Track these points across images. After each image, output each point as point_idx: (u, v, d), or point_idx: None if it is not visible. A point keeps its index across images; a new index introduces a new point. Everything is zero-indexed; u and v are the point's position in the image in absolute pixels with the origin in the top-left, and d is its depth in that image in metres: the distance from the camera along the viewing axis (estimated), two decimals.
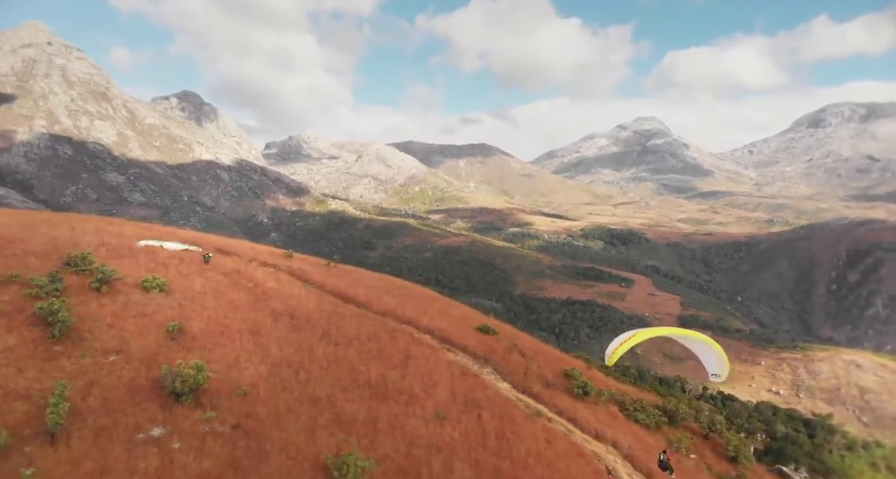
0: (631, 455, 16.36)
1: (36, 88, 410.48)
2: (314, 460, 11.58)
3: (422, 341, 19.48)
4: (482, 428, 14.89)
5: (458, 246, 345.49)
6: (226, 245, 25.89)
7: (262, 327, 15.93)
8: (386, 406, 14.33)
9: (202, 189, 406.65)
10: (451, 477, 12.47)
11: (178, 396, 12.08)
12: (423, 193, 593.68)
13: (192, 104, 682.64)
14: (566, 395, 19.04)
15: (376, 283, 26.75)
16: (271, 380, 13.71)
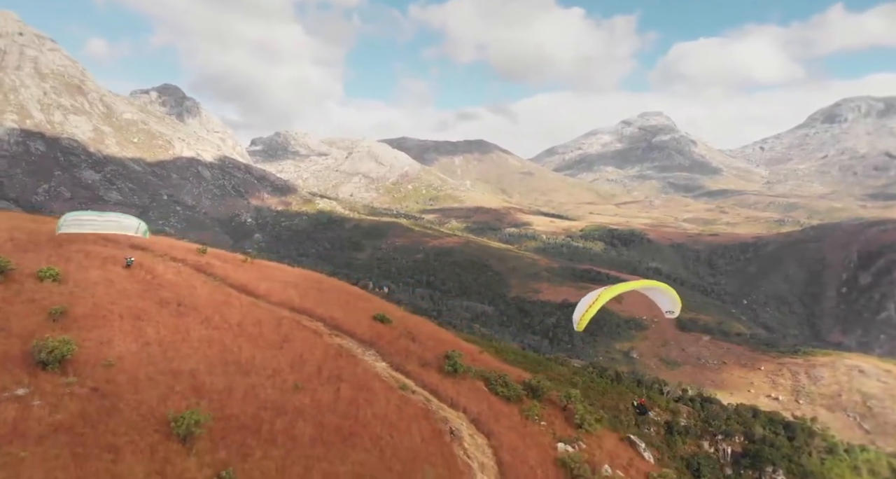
0: (477, 420, 18.96)
1: (6, 81, 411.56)
2: (160, 417, 13.92)
3: (308, 328, 21.87)
4: (336, 397, 17.19)
5: (451, 247, 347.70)
6: (139, 241, 28.17)
7: (144, 313, 18.20)
8: (247, 379, 16.60)
9: (183, 187, 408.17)
10: (291, 433, 14.83)
11: (45, 364, 14.31)
12: (417, 191, 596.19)
13: (174, 98, 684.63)
14: (437, 372, 21.51)
15: (290, 278, 29.11)
16: (139, 355, 15.97)
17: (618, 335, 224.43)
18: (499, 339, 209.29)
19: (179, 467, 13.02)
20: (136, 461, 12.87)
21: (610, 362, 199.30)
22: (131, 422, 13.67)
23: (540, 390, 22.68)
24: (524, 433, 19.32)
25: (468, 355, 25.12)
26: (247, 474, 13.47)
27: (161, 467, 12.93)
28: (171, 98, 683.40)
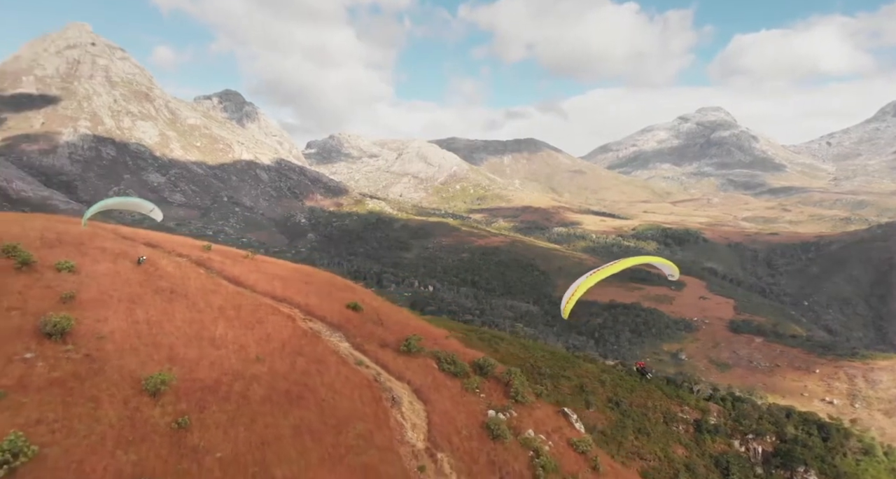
0: (419, 390, 21.74)
1: (80, 90, 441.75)
2: (136, 378, 17.15)
3: (283, 313, 24.86)
4: (292, 368, 19.93)
5: (496, 247, 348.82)
6: (154, 239, 32.25)
7: (140, 298, 21.54)
8: (216, 352, 19.58)
9: (242, 189, 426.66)
10: (245, 394, 17.73)
11: (50, 335, 17.74)
12: (465, 191, 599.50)
13: (234, 103, 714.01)
14: (393, 352, 24.09)
15: (281, 272, 32.28)
16: (127, 331, 19.21)
17: (666, 336, 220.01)
18: (541, 339, 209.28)
19: (146, 414, 16.15)
20: (111, 408, 16.05)
21: (657, 363, 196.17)
22: (112, 381, 16.90)
23: (486, 368, 24.99)
24: (460, 401, 21.62)
25: (431, 339, 27.53)
26: (201, 421, 16.47)
27: (132, 413, 16.08)
28: (232, 103, 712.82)
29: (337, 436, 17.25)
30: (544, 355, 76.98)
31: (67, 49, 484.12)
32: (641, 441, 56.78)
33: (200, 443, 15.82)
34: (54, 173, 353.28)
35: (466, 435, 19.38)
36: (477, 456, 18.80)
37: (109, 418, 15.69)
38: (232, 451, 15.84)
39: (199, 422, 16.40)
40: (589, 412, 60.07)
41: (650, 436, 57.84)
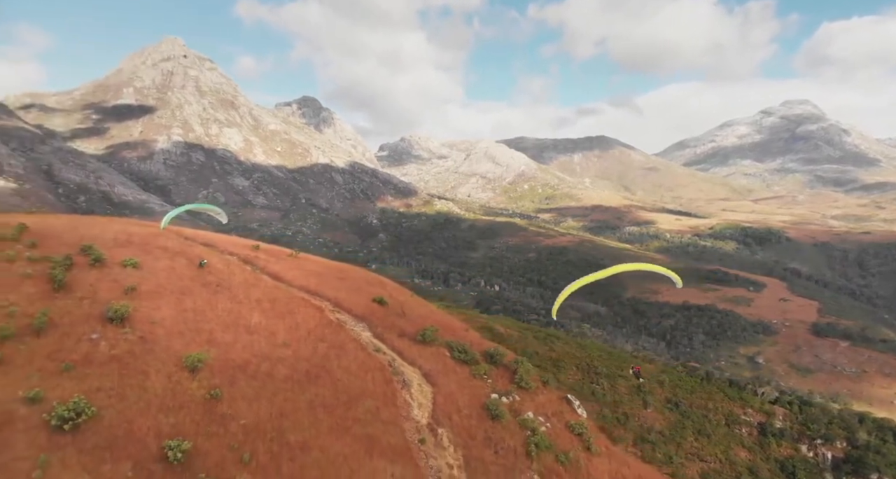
0: (428, 374, 23.64)
1: (173, 99, 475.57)
2: (179, 356, 20.02)
3: (313, 305, 27.39)
4: (314, 352, 22.22)
5: (564, 246, 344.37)
6: (211, 239, 36.02)
7: (189, 290, 24.62)
8: (249, 337, 22.15)
9: (318, 192, 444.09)
10: (270, 372, 20.26)
11: (112, 320, 20.90)
12: (533, 190, 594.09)
13: (312, 109, 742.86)
14: (409, 341, 25.95)
15: (318, 269, 34.94)
16: (176, 318, 22.13)
17: (743, 339, 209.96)
18: (610, 340, 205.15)
19: (185, 386, 18.89)
20: (157, 380, 18.90)
21: (732, 366, 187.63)
22: (160, 358, 19.80)
23: (496, 357, 26.36)
24: (466, 385, 23.18)
25: (450, 330, 29.23)
26: (230, 394, 19.04)
27: (173, 385, 18.88)
28: (310, 109, 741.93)
29: (347, 410, 19.39)
30: (601, 355, 76.61)
31: (162, 61, 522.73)
32: (701, 443, 55.95)
33: (228, 411, 18.38)
34: (151, 178, 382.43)
35: (467, 414, 21.06)
36: (475, 433, 20.42)
37: (155, 388, 18.54)
38: (254, 419, 18.31)
39: (229, 394, 18.99)
40: (647, 413, 59.69)
41: (711, 438, 56.87)
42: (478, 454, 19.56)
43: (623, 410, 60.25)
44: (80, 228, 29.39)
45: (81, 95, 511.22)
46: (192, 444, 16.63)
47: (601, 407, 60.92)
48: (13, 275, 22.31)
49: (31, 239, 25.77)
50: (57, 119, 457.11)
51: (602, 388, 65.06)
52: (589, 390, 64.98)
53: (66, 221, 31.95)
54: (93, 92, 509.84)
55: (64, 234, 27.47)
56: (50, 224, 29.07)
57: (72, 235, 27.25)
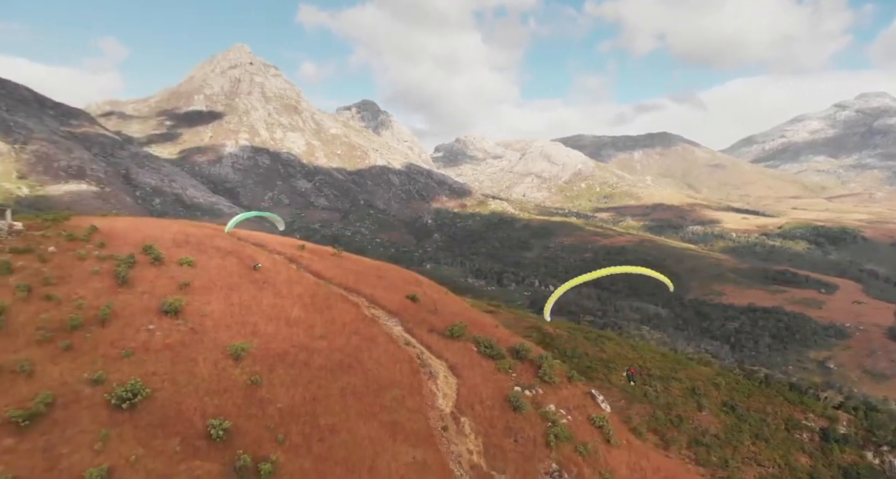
0: (454, 367, 24.63)
1: (240, 105, 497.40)
2: (225, 346, 21.82)
3: (350, 301, 28.91)
4: (347, 343, 23.55)
5: (622, 246, 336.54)
6: (262, 240, 38.52)
7: (237, 286, 26.56)
8: (289, 329, 23.70)
9: (376, 193, 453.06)
10: (306, 361, 21.78)
11: (167, 313, 22.98)
12: (590, 189, 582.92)
13: (370, 112, 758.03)
14: (438, 335, 26.89)
15: (358, 267, 36.53)
16: (224, 311, 24.00)
17: (813, 344, 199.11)
18: (670, 344, 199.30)
19: (229, 372, 20.60)
20: (205, 367, 20.71)
21: (801, 371, 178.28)
22: (208, 347, 21.67)
23: (521, 352, 26.90)
24: (490, 378, 23.91)
25: (479, 326, 30.09)
26: (269, 380, 20.62)
27: (219, 372, 20.63)
28: (369, 112, 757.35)
29: (375, 398, 20.64)
30: (654, 356, 75.32)
31: (230, 69, 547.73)
32: (759, 447, 54.52)
33: (266, 396, 19.97)
34: (220, 181, 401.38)
35: (489, 405, 21.88)
36: (496, 422, 21.22)
37: (202, 374, 20.37)
38: (289, 403, 19.83)
39: (268, 381, 20.62)
40: (701, 416, 58.46)
41: (769, 442, 55.32)
42: (497, 442, 20.38)
43: (677, 412, 59.22)
44: (143, 229, 32.14)
45: (156, 102, 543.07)
46: (233, 424, 18.27)
47: (654, 409, 60.04)
48: (83, 271, 24.92)
49: (101, 239, 28.53)
50: (134, 125, 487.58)
51: (655, 390, 64.11)
52: (641, 391, 64.07)
53: (131, 223, 34.93)
54: (167, 99, 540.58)
55: (129, 235, 30.15)
56: (117, 226, 31.96)
57: (136, 236, 29.90)
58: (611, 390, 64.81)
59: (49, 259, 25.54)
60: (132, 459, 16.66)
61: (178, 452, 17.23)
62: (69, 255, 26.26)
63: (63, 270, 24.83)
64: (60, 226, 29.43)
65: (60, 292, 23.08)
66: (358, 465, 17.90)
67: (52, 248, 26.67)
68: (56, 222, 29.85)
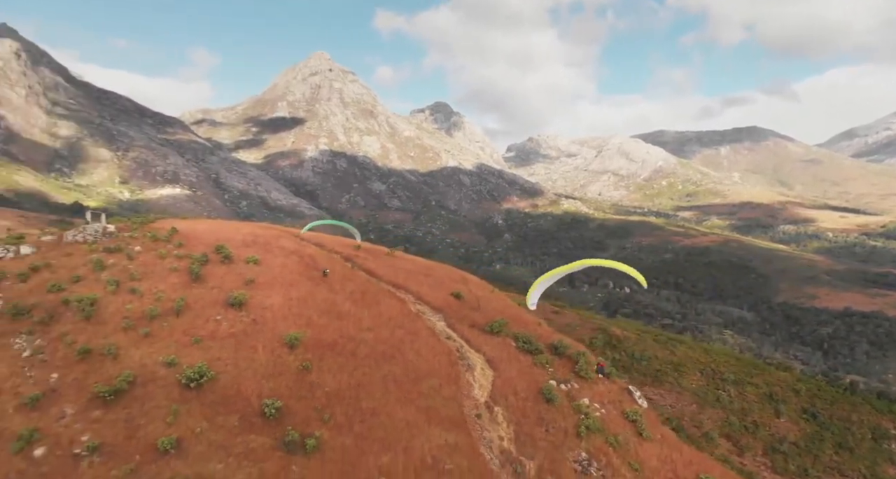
0: (491, 360, 25.82)
1: (320, 111, 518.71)
2: (282, 336, 24.13)
3: (398, 297, 30.74)
4: (391, 336, 25.23)
5: (705, 247, 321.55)
6: (322, 240, 41.28)
7: (296, 283, 29.01)
8: (340, 322, 25.66)
9: (447, 194, 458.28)
10: (353, 351, 23.69)
11: (232, 305, 25.68)
12: (672, 187, 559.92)
13: (443, 114, 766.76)
14: (479, 331, 27.99)
15: (408, 266, 38.38)
16: (283, 305, 26.39)
17: None
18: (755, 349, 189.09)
19: (284, 359, 22.83)
20: (263, 354, 23.03)
21: None
22: (267, 336, 24.11)
23: (560, 349, 27.44)
24: (526, 372, 24.78)
25: (521, 323, 30.95)
26: (319, 367, 22.64)
27: (275, 358, 22.90)
28: (441, 114, 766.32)
29: (413, 386, 22.24)
30: (728, 360, 72.97)
31: (311, 76, 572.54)
32: (843, 457, 52.42)
33: (316, 380, 22.02)
34: (301, 184, 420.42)
35: (523, 396, 22.88)
36: (528, 413, 22.21)
37: (261, 359, 22.71)
38: (335, 387, 21.79)
39: (318, 367, 22.71)
40: (780, 422, 56.45)
41: (853, 452, 53.03)
42: (528, 431, 21.35)
43: (752, 418, 57.60)
44: (217, 231, 35.61)
45: (243, 110, 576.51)
46: (284, 404, 20.42)
47: (727, 414, 58.55)
48: (163, 268, 28.25)
49: (179, 240, 32.01)
50: (223, 132, 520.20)
51: (728, 395, 62.42)
52: (713, 396, 62.51)
53: (207, 225, 38.67)
54: (252, 106, 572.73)
55: (204, 236, 33.56)
56: (195, 228, 35.62)
57: (210, 237, 33.23)
58: (682, 394, 63.46)
59: (135, 257, 29.11)
60: (197, 431, 19.07)
61: (236, 427, 19.49)
62: (152, 254, 29.78)
63: (146, 267, 28.23)
64: (146, 228, 33.23)
65: (143, 286, 26.34)
66: (394, 444, 19.52)
67: (138, 247, 30.31)
68: (142, 225, 33.72)
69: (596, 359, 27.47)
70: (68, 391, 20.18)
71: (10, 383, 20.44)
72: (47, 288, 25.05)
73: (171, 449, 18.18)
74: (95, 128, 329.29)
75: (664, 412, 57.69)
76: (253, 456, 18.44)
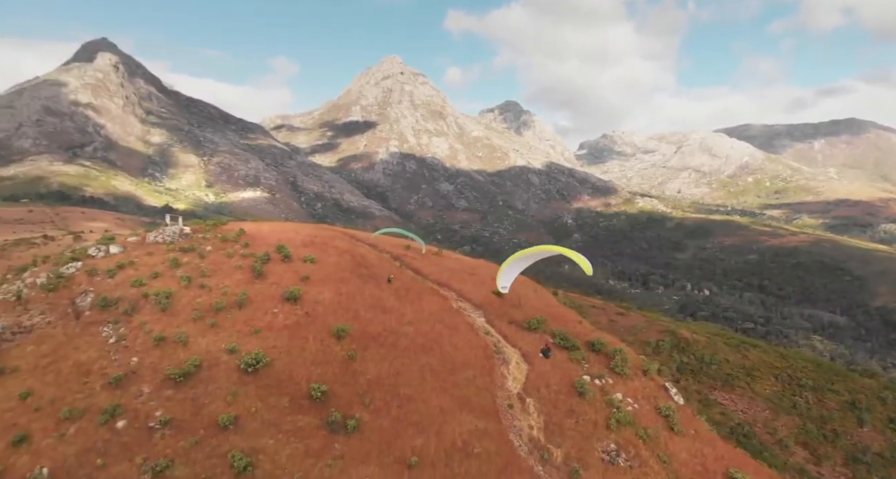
0: (526, 354, 26.87)
1: (391, 114, 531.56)
2: (331, 327, 26.44)
3: (440, 294, 32.39)
4: (431, 330, 26.86)
5: (795, 247, 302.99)
6: (374, 241, 43.95)
7: (347, 279, 31.33)
8: (384, 316, 27.65)
9: (515, 194, 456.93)
10: (394, 343, 25.57)
11: (288, 299, 28.30)
12: (759, 184, 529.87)
13: (513, 113, 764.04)
14: (516, 327, 29.04)
15: (454, 265, 40.01)
16: (333, 299, 28.69)
17: None
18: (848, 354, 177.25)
19: (331, 349, 25.09)
20: (313, 344, 25.39)
21: None
22: (317, 328, 26.49)
23: (597, 346, 28.01)
24: (561, 367, 25.65)
25: (561, 321, 31.75)
26: (363, 356, 24.72)
27: (324, 348, 25.20)
28: (511, 113, 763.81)
29: (449, 376, 23.92)
30: (806, 366, 69.96)
31: (383, 80, 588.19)
32: None
33: (359, 368, 24.13)
34: (372, 186, 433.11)
35: (555, 389, 23.94)
36: (559, 404, 23.29)
37: (311, 349, 25.08)
38: (376, 375, 23.83)
39: (361, 356, 24.82)
40: (862, 432, 54.02)
41: None
42: (558, 421, 22.43)
43: (832, 427, 55.37)
44: (280, 232, 38.90)
45: (319, 115, 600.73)
46: (330, 388, 22.64)
47: (804, 422, 56.60)
48: (230, 266, 31.48)
49: (246, 240, 35.31)
50: (300, 137, 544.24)
51: (806, 401, 60.10)
52: (789, 402, 60.41)
53: (272, 227, 42.15)
54: (328, 111, 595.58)
55: (268, 237, 36.80)
56: (260, 229, 39.04)
57: (273, 238, 36.42)
58: (755, 399, 61.58)
59: (206, 256, 32.57)
60: (252, 410, 21.62)
61: (287, 407, 21.88)
62: (221, 253, 33.15)
63: (215, 265, 31.54)
64: (217, 230, 36.80)
65: (212, 282, 29.54)
66: (427, 428, 21.30)
67: (209, 247, 33.81)
68: (214, 227, 37.33)
69: (622, 347, 27.91)
70: (145, 373, 23.31)
71: (98, 365, 23.90)
72: (130, 283, 28.70)
73: (229, 425, 20.80)
74: (184, 135, 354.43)
75: (734, 418, 56.36)
76: (300, 434, 20.72)
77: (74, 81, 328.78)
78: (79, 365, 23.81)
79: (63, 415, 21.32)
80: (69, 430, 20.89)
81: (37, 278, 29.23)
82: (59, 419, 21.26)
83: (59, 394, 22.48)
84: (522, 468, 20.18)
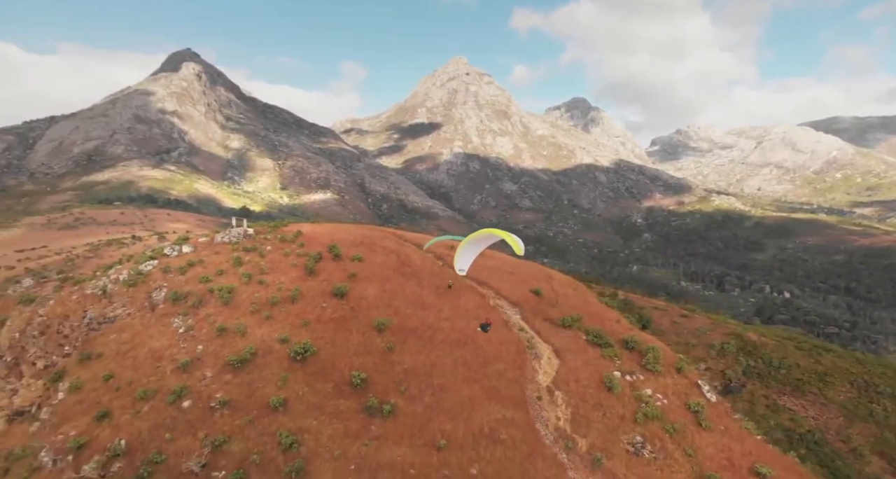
0: (558, 350, 28.06)
1: (455, 115, 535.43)
2: (372, 321, 28.59)
3: (479, 292, 33.66)
4: (466, 325, 28.31)
5: (887, 247, 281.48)
6: (421, 241, 45.57)
7: (390, 277, 33.33)
8: (423, 311, 29.40)
9: (581, 192, 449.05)
10: (430, 336, 27.31)
11: (335, 295, 30.67)
12: (848, 180, 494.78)
13: (580, 110, 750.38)
14: (550, 324, 29.87)
15: (494, 264, 40.88)
16: (376, 295, 30.75)
17: None
18: None
19: (372, 340, 27.21)
20: (356, 336, 27.60)
21: None
22: (360, 322, 28.70)
23: (631, 344, 28.36)
24: (592, 363, 26.26)
25: (598, 319, 32.14)
26: (401, 348, 26.65)
27: (365, 340, 27.35)
28: (578, 110, 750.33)
29: (480, 368, 25.47)
30: (885, 372, 66.50)
31: (448, 81, 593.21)
32: None
33: (396, 359, 26.14)
34: (436, 187, 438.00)
35: (585, 384, 24.95)
36: (587, 398, 24.32)
37: (354, 340, 27.35)
38: (412, 365, 25.75)
39: (399, 348, 26.83)
40: None
41: None
42: (585, 413, 23.48)
43: None
44: (334, 233, 41.67)
45: (386, 118, 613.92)
46: (369, 376, 24.80)
47: (881, 430, 54.15)
48: (286, 264, 34.46)
49: (302, 241, 38.29)
50: (368, 139, 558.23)
51: (884, 409, 57.34)
52: (866, 410, 57.80)
53: (327, 228, 45.07)
54: (395, 114, 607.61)
55: (323, 237, 39.62)
56: (316, 230, 41.98)
57: (326, 238, 39.19)
58: (827, 406, 59.26)
59: (266, 255, 35.77)
60: (300, 394, 24.07)
61: (330, 392, 24.18)
62: (279, 252, 36.27)
63: (273, 263, 34.60)
64: (278, 231, 40.05)
65: (269, 279, 32.52)
66: (458, 415, 23.02)
67: (269, 247, 37.02)
68: (275, 228, 40.61)
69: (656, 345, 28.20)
70: (208, 359, 26.32)
71: (169, 352, 27.20)
72: (198, 279, 32.12)
73: (279, 407, 23.35)
74: (261, 139, 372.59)
75: (805, 425, 54.63)
76: (341, 416, 22.94)
77: (161, 90, 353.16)
78: (153, 352, 27.22)
79: (138, 395, 24.63)
80: (143, 408, 24.13)
81: (120, 275, 33.22)
82: (135, 398, 24.60)
83: (136, 377, 25.87)
84: (546, 454, 21.47)
